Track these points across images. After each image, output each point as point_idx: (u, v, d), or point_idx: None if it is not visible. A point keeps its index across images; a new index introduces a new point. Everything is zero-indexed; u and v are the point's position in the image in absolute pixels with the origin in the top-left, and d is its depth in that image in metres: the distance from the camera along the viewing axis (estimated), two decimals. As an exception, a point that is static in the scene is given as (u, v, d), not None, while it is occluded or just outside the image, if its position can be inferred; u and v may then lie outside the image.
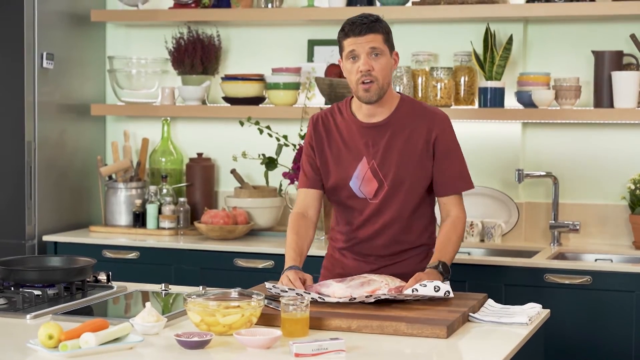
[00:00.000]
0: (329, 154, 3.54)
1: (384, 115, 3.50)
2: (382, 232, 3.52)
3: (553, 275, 4.27)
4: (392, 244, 3.53)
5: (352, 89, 3.46)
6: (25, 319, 3.06)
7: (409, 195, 3.49)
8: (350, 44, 3.40)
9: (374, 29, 3.39)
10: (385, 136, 3.48)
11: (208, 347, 2.72)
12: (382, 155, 3.47)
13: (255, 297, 2.92)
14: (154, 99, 5.32)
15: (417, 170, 3.48)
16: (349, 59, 3.41)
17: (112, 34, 5.47)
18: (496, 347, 2.80)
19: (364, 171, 3.49)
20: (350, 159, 3.50)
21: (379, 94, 3.42)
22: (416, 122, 3.49)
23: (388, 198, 3.48)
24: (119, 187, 5.14)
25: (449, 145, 3.51)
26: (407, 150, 3.47)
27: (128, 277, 4.06)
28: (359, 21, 3.40)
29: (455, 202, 3.53)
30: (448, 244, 3.46)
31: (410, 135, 3.48)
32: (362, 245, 3.56)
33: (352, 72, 3.41)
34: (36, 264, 3.57)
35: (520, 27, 4.84)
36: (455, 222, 3.51)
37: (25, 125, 4.89)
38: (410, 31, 4.99)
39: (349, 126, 3.54)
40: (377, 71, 3.39)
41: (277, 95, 5.00)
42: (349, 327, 2.94)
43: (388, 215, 3.50)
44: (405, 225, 3.52)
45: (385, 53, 3.41)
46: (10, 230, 4.93)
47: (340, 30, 3.44)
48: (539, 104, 4.68)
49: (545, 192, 4.87)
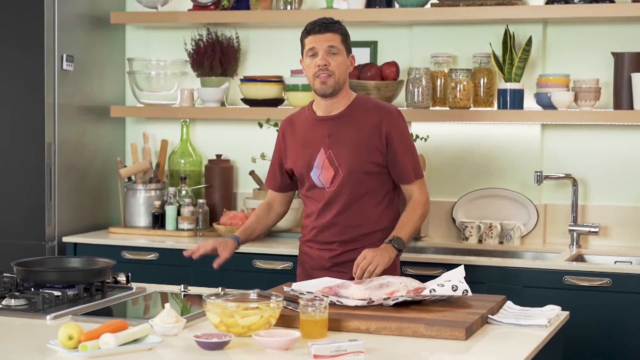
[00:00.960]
0: (294, 149, 3.86)
1: (340, 109, 3.80)
2: (338, 219, 3.79)
3: (572, 278, 4.25)
4: (349, 229, 3.79)
5: (310, 83, 3.77)
6: (45, 319, 3.07)
7: (362, 182, 3.76)
8: (310, 41, 3.73)
9: (333, 29, 3.74)
10: (341, 127, 3.77)
11: (227, 348, 2.73)
12: (337, 145, 3.76)
13: (274, 298, 2.93)
14: (173, 100, 5.33)
15: (369, 158, 3.75)
16: (309, 56, 3.73)
17: (132, 36, 5.49)
18: (515, 349, 2.79)
19: (322, 160, 3.78)
20: (310, 151, 3.80)
21: (335, 87, 3.73)
22: (369, 115, 3.78)
23: (343, 185, 3.76)
24: (138, 188, 5.15)
25: (401, 137, 3.79)
26: (359, 140, 3.75)
27: (147, 278, 4.07)
28: (320, 21, 3.75)
29: (416, 188, 3.82)
30: (407, 222, 3.75)
31: (362, 126, 3.76)
32: (324, 234, 3.83)
33: (311, 67, 3.73)
34: (56, 265, 3.59)
35: (540, 28, 4.83)
36: (414, 205, 3.79)
37: (46, 126, 4.91)
38: (429, 33, 4.99)
39: (309, 122, 3.85)
40: (334, 67, 3.71)
41: (296, 97, 5.00)
42: (368, 329, 2.94)
43: (343, 201, 3.77)
44: (359, 211, 3.78)
45: (342, 52, 3.74)
46: (30, 232, 4.95)
47: (303, 31, 3.77)
48: (558, 106, 4.67)
49: (565, 194, 4.85)
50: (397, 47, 5.07)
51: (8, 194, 4.97)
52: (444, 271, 4.12)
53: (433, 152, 4.98)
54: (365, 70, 4.87)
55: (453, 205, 4.96)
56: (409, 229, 3.74)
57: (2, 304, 3.18)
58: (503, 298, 3.34)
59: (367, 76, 4.85)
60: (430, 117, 4.85)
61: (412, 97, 4.87)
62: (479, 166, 4.95)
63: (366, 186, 3.76)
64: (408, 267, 4.41)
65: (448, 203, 4.98)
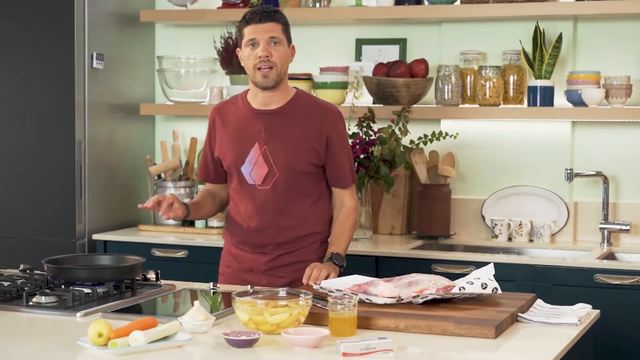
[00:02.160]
0: (224, 140, 3.70)
1: (278, 104, 3.67)
2: (273, 220, 3.67)
3: (603, 276, 4.23)
4: (285, 232, 3.67)
5: (249, 75, 3.62)
6: (76, 316, 3.08)
7: (299, 183, 3.65)
8: (250, 31, 3.57)
9: (274, 18, 3.59)
10: (279, 123, 3.64)
11: (256, 346, 2.73)
12: (274, 142, 3.63)
13: (303, 296, 2.92)
14: (203, 98, 5.34)
15: (308, 158, 3.63)
16: (249, 46, 3.59)
17: (161, 34, 5.51)
18: (545, 348, 2.78)
19: (256, 156, 3.64)
20: (243, 144, 3.64)
21: (276, 80, 3.60)
22: (310, 114, 3.66)
23: (278, 184, 3.63)
24: (167, 186, 5.17)
25: (340, 139, 3.69)
26: (298, 139, 3.63)
27: (176, 275, 4.08)
28: (260, 10, 3.59)
29: (348, 192, 3.74)
30: (342, 235, 3.69)
31: (303, 125, 3.64)
32: (257, 235, 3.69)
33: (251, 58, 3.58)
34: (86, 262, 3.60)
35: (570, 25, 4.80)
36: (347, 213, 3.72)
37: (76, 124, 4.94)
38: (458, 30, 4.97)
39: (243, 114, 3.69)
40: (276, 58, 3.58)
41: (325, 95, 5.00)
42: (397, 327, 2.93)
43: (278, 201, 3.65)
44: (295, 212, 3.67)
45: (283, 43, 3.61)
46: (60, 229, 4.98)
47: (241, 20, 3.62)
48: (589, 103, 4.64)
49: (595, 192, 4.83)
50: (427, 45, 5.06)
51: (39, 191, 5.00)
52: (474, 269, 4.13)
53: (462, 149, 4.97)
54: (394, 67, 4.86)
55: (483, 203, 4.94)
56: (344, 242, 3.69)
57: (33, 301, 3.20)
58: (533, 296, 3.32)
59: (396, 74, 4.84)
60: (459, 114, 4.84)
61: (441, 95, 4.86)
62: (508, 163, 4.93)
63: (301, 187, 3.66)
64: (437, 265, 4.40)
65: (478, 201, 4.96)
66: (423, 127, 4.95)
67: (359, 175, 4.72)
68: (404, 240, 4.84)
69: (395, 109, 4.82)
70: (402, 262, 4.44)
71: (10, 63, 5.01)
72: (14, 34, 4.98)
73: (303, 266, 3.62)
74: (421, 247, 4.70)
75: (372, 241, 4.77)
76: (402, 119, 4.79)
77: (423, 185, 4.89)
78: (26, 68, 4.99)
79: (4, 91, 5.03)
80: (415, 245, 4.68)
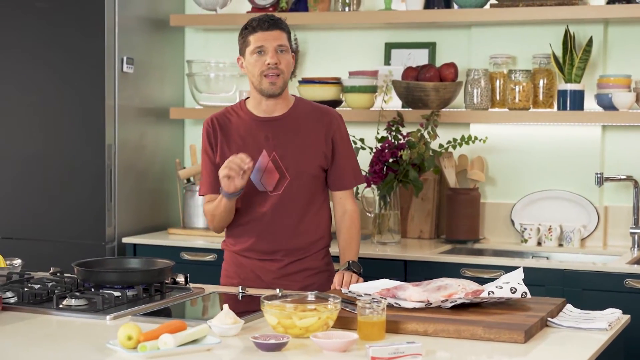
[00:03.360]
0: (228, 151, 3.63)
1: (282, 110, 3.67)
2: (285, 225, 3.64)
3: (633, 281, 4.20)
4: (295, 237, 3.66)
5: (254, 82, 3.60)
6: (105, 319, 3.10)
7: (311, 187, 3.66)
8: (258, 39, 3.56)
9: (280, 26, 3.60)
10: (286, 129, 3.64)
11: (285, 350, 2.73)
12: (284, 147, 3.63)
13: (331, 300, 2.92)
14: (232, 102, 5.35)
15: (318, 162, 3.65)
16: (255, 54, 3.57)
17: (191, 38, 5.53)
18: (575, 353, 2.76)
19: (265, 163, 3.62)
20: (250, 153, 3.54)
21: (283, 87, 3.60)
22: (315, 118, 3.68)
23: (290, 189, 3.62)
24: (196, 189, 5.18)
25: (344, 142, 3.71)
26: (308, 144, 3.64)
27: (206, 279, 4.09)
28: (266, 18, 3.59)
29: (350, 196, 3.74)
30: (351, 242, 3.70)
31: (310, 129, 3.65)
32: (266, 241, 3.65)
33: (257, 66, 3.57)
34: (116, 265, 3.62)
35: (601, 28, 4.78)
36: (353, 218, 3.73)
37: (106, 128, 4.96)
38: (488, 33, 4.96)
39: (246, 123, 3.67)
40: (283, 65, 3.58)
41: (354, 99, 5.00)
42: (426, 331, 2.92)
43: (291, 207, 3.64)
44: (305, 217, 3.66)
45: (288, 51, 3.61)
46: (90, 232, 5.00)
47: (245, 28, 3.60)
48: (620, 107, 4.62)
49: (626, 196, 4.80)
50: (456, 48, 5.05)
51: (69, 195, 5.03)
52: (503, 273, 4.12)
53: (492, 153, 4.95)
54: (423, 71, 4.86)
55: (512, 207, 4.92)
56: (355, 248, 3.70)
57: (63, 304, 3.21)
58: (563, 301, 3.31)
59: (426, 77, 4.83)
60: (489, 118, 4.83)
61: (470, 99, 4.85)
62: (538, 167, 4.92)
63: (311, 191, 3.66)
64: (467, 269, 4.39)
65: (507, 205, 4.94)
66: (452, 131, 4.94)
67: (387, 179, 4.72)
68: (433, 244, 4.83)
69: (424, 113, 4.81)
70: (430, 267, 4.43)
71: (42, 68, 5.05)
72: (46, 39, 5.02)
73: (312, 273, 3.66)
74: (450, 251, 4.69)
75: (401, 245, 4.77)
76: (431, 122, 4.78)
77: (452, 190, 4.89)
78: (57, 73, 5.02)
79: (36, 96, 5.06)
80: (444, 250, 4.67)
